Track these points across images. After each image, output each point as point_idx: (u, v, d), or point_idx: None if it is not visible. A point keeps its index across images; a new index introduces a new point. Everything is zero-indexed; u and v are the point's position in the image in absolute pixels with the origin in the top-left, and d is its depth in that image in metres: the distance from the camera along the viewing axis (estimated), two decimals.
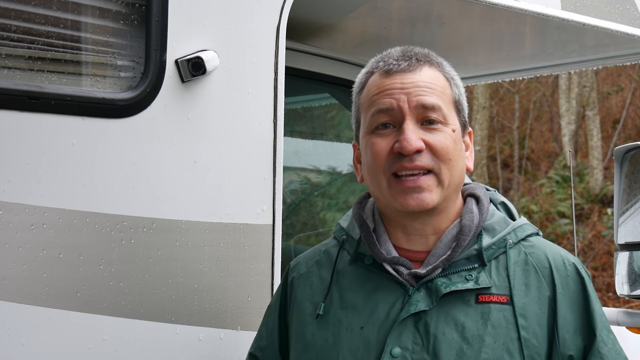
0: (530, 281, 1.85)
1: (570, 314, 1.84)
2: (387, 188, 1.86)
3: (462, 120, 1.93)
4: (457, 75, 1.98)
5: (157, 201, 2.10)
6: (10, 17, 1.95)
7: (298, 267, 2.06)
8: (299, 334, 1.96)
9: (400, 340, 1.82)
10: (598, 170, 15.82)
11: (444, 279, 1.85)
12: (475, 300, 1.83)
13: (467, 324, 1.81)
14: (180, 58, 2.14)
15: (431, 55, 1.95)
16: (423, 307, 1.83)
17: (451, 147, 1.86)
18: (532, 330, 1.81)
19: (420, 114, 1.86)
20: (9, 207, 1.90)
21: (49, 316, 1.95)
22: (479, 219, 1.92)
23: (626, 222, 3.47)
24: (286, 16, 2.35)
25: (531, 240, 1.93)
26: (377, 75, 1.92)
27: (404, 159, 1.83)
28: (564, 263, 1.89)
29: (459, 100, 1.94)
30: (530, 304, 1.83)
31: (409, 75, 1.88)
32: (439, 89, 1.89)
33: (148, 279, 2.01)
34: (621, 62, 3.93)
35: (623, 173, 3.50)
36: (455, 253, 1.87)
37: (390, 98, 1.87)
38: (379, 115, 1.88)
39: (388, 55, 1.94)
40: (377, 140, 1.87)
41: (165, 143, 2.13)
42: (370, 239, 1.93)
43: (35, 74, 1.97)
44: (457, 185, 1.91)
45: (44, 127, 1.95)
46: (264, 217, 2.30)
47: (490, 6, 2.90)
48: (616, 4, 3.31)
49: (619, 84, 18.02)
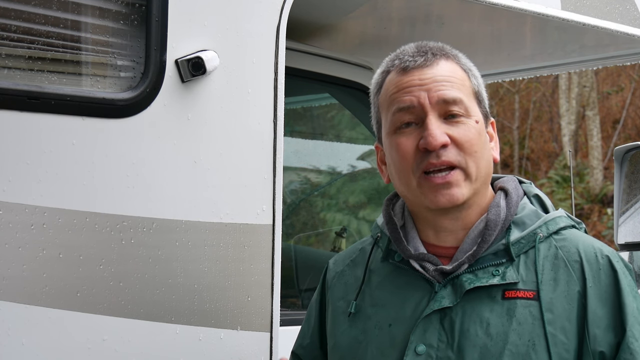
0: (559, 276, 1.80)
1: (601, 309, 1.77)
2: (417, 187, 1.84)
3: (483, 111, 1.90)
4: (474, 66, 1.95)
5: (157, 201, 2.10)
6: (10, 17, 1.95)
7: (335, 266, 2.07)
8: (331, 333, 1.97)
9: (425, 338, 1.81)
10: (598, 170, 15.83)
11: (470, 275, 1.82)
12: (501, 296, 1.79)
13: (492, 320, 1.78)
14: (180, 58, 2.14)
15: (446, 48, 1.93)
16: (447, 303, 1.81)
17: (476, 139, 1.84)
18: (560, 326, 1.76)
19: (442, 108, 1.83)
20: (9, 207, 1.90)
21: (49, 316, 1.95)
22: (506, 212, 1.87)
23: (626, 222, 3.47)
24: (286, 16, 2.35)
25: (564, 233, 1.86)
26: (394, 73, 1.89)
27: (430, 155, 1.81)
28: (596, 256, 1.81)
29: (479, 90, 1.91)
30: (558, 299, 1.77)
31: (426, 71, 1.86)
32: (458, 81, 1.86)
33: (148, 279, 2.01)
34: (621, 62, 3.93)
35: (623, 173, 3.50)
36: (480, 249, 1.84)
37: (410, 95, 1.84)
38: (400, 113, 1.86)
39: (403, 52, 1.92)
40: (401, 140, 1.85)
41: (165, 143, 2.13)
42: (396, 235, 1.92)
43: (35, 74, 1.97)
44: (485, 177, 1.88)
45: (44, 127, 1.95)
46: (264, 217, 2.30)
47: (490, 6, 2.90)
48: (616, 4, 3.31)
49: (619, 84, 18.03)
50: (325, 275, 2.08)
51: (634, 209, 3.47)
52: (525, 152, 17.69)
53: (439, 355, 1.79)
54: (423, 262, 1.87)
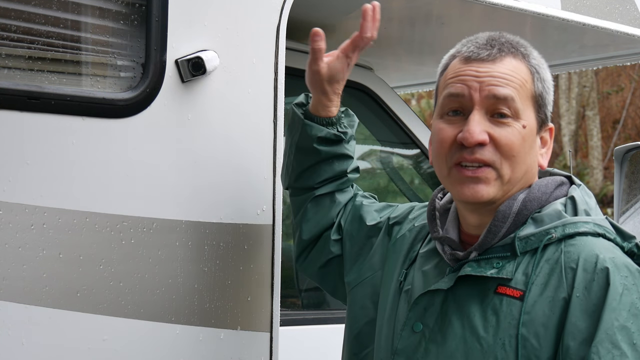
0: (551, 280, 1.75)
1: (583, 321, 1.69)
2: (448, 176, 1.85)
3: (540, 117, 1.87)
4: (547, 68, 1.91)
5: (157, 201, 2.10)
6: (10, 17, 1.95)
7: (414, 219, 2.12)
8: (383, 280, 2.05)
9: (424, 317, 1.85)
10: (598, 170, 15.83)
11: (473, 263, 1.82)
12: (494, 290, 1.79)
13: (478, 313, 1.79)
14: (180, 58, 2.14)
15: (518, 45, 1.89)
16: (443, 286, 1.83)
17: (517, 144, 1.81)
18: (533, 331, 1.72)
19: (490, 105, 1.81)
20: (9, 207, 1.90)
21: (49, 316, 1.95)
22: (520, 206, 1.83)
23: (626, 222, 3.47)
24: (286, 16, 2.35)
25: (578, 239, 1.77)
26: (458, 60, 1.89)
27: (465, 150, 1.80)
28: (595, 265, 1.72)
29: (541, 94, 1.87)
30: (540, 304, 1.73)
31: (486, 65, 1.84)
32: (517, 81, 1.83)
33: (148, 279, 2.01)
34: (621, 62, 3.93)
35: (623, 173, 3.50)
36: (486, 238, 1.83)
37: (462, 84, 1.84)
38: (449, 99, 1.86)
39: (474, 40, 1.90)
40: (444, 126, 1.86)
41: (165, 143, 2.13)
42: (431, 216, 1.96)
43: (35, 74, 1.97)
44: (522, 181, 1.85)
45: (44, 127, 1.95)
46: (264, 217, 2.30)
47: (490, 6, 2.90)
48: (616, 4, 3.31)
49: (619, 84, 18.02)
50: (408, 214, 2.14)
51: (634, 209, 3.47)
52: None
53: (431, 337, 1.82)
54: (444, 245, 1.90)
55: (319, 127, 2.15)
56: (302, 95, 2.22)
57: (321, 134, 2.15)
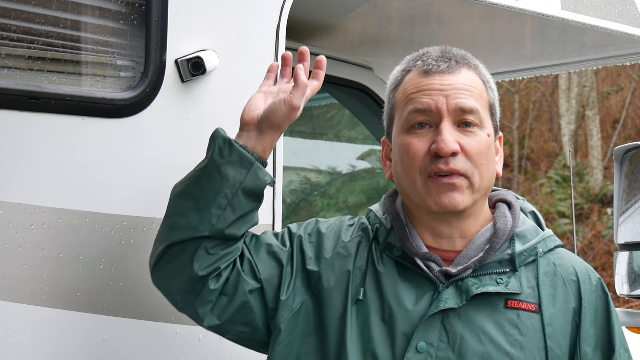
0: (558, 292, 1.87)
1: (592, 328, 1.87)
2: (423, 187, 1.86)
3: (495, 125, 1.94)
4: (493, 79, 1.98)
5: (157, 201, 2.10)
6: (10, 17, 1.95)
7: (340, 234, 1.98)
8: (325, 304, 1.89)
9: (426, 336, 1.82)
10: (598, 170, 15.82)
11: (475, 280, 1.85)
12: (504, 305, 1.84)
13: (496, 328, 1.82)
14: (180, 58, 2.14)
15: (469, 58, 1.95)
16: (453, 304, 1.83)
17: (485, 152, 1.87)
18: (557, 341, 1.83)
19: (457, 116, 1.86)
20: (9, 207, 1.90)
21: (49, 316, 1.95)
22: (512, 224, 1.92)
23: (626, 222, 3.47)
24: (286, 16, 2.35)
25: (558, 252, 1.94)
26: (415, 73, 1.91)
27: (440, 160, 1.84)
28: (590, 277, 1.92)
29: (494, 104, 1.94)
30: (557, 315, 1.85)
31: (448, 77, 1.88)
32: (477, 92, 1.89)
33: (148, 279, 2.01)
34: (621, 62, 3.93)
35: (623, 173, 3.50)
36: (488, 255, 1.87)
37: (428, 99, 1.87)
38: (416, 114, 1.88)
39: (427, 54, 1.93)
40: (414, 140, 1.87)
41: (165, 143, 2.13)
42: (403, 232, 1.92)
43: (35, 74, 1.97)
44: (487, 190, 1.91)
45: (44, 127, 1.95)
46: (264, 217, 2.30)
47: (490, 6, 2.90)
48: (616, 4, 3.31)
49: (619, 84, 18.01)
50: (319, 230, 2.00)
51: (634, 209, 3.47)
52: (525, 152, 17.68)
53: (439, 354, 1.81)
54: (428, 262, 1.88)
55: (267, 172, 1.93)
56: (221, 130, 1.94)
57: (269, 180, 1.93)
